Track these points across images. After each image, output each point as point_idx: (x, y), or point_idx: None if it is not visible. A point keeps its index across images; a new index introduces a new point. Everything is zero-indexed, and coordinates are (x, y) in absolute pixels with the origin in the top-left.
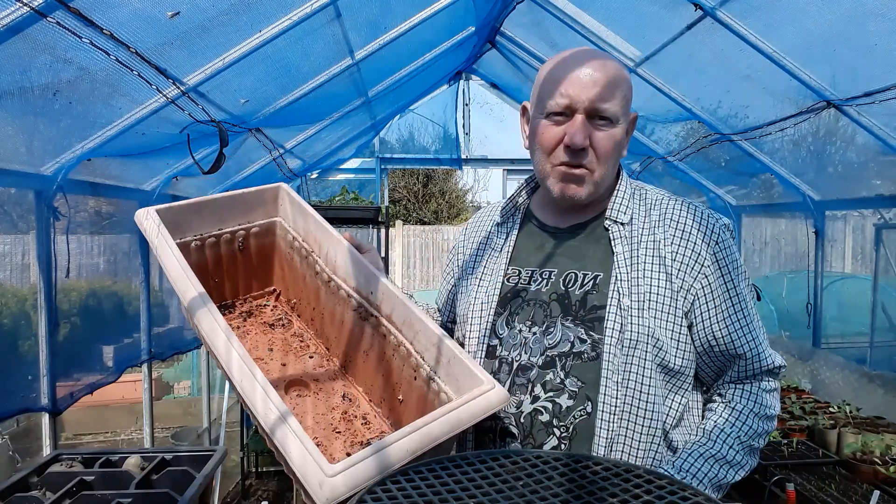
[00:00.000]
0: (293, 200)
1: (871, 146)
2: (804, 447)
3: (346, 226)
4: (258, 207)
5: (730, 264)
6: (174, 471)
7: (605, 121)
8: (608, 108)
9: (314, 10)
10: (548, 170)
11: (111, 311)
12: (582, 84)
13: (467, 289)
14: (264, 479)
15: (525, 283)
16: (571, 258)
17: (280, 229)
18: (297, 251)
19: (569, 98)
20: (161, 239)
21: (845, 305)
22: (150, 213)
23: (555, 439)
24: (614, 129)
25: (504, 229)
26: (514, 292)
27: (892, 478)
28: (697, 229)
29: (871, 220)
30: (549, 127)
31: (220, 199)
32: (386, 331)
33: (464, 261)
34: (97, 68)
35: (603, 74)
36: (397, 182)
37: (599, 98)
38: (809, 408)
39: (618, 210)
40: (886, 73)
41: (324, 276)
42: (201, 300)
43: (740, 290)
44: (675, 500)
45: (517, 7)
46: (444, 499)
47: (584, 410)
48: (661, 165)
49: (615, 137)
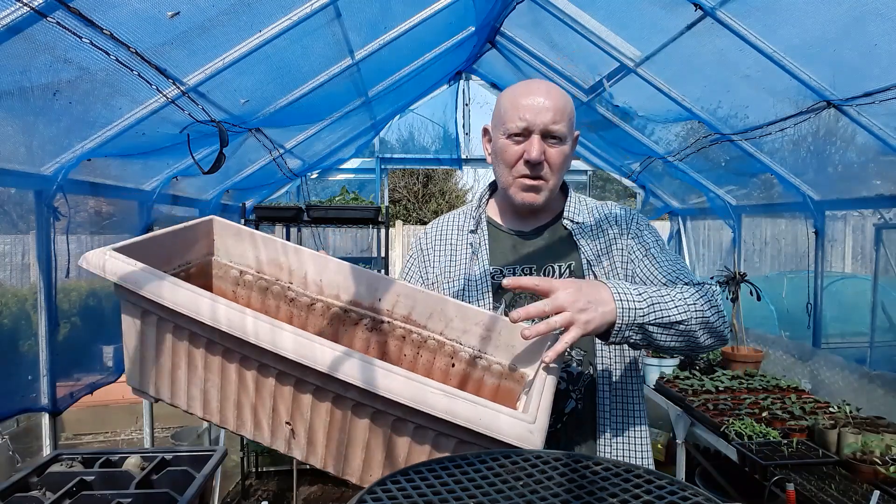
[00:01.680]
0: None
1: (871, 146)
2: (804, 447)
3: (347, 226)
4: (195, 244)
5: (647, 230)
6: (174, 471)
7: (555, 139)
8: (558, 129)
9: (314, 10)
10: (510, 181)
11: (111, 311)
12: (536, 110)
13: (454, 290)
14: (264, 479)
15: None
16: (544, 254)
17: (217, 268)
18: (250, 285)
19: (526, 122)
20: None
21: (845, 305)
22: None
23: (573, 402)
24: (563, 146)
25: (475, 236)
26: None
27: (892, 478)
28: (625, 216)
29: (871, 220)
30: (510, 145)
31: (163, 236)
32: (405, 331)
33: (440, 265)
34: (97, 68)
35: (553, 102)
36: (397, 182)
37: (551, 121)
38: (809, 408)
39: (573, 213)
40: (886, 73)
41: (303, 300)
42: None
43: (661, 243)
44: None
45: (517, 7)
46: (444, 499)
47: (589, 373)
48: (661, 165)
49: (564, 152)
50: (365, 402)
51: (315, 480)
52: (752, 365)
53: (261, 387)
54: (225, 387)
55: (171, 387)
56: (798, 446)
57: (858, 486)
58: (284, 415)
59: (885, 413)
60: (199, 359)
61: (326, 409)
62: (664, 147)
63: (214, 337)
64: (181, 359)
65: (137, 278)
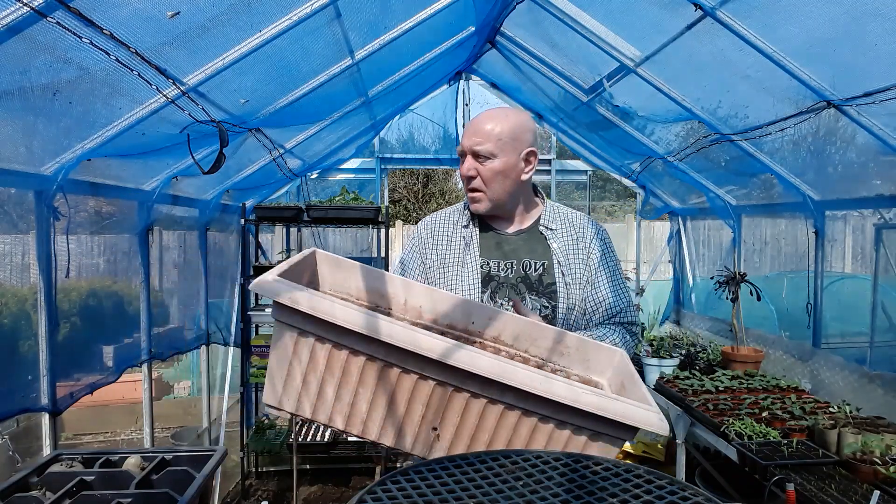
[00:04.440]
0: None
1: (871, 146)
2: (804, 447)
3: (347, 226)
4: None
5: (610, 251)
6: (174, 471)
7: (482, 157)
8: (481, 149)
9: (314, 10)
10: (466, 193)
11: (111, 311)
12: (468, 134)
13: (449, 273)
14: (264, 479)
15: (495, 270)
16: (524, 252)
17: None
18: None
19: (462, 146)
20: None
21: (845, 305)
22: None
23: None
24: (492, 162)
25: (469, 231)
26: (489, 277)
27: (892, 478)
28: (593, 231)
29: (871, 220)
30: (461, 164)
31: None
32: (494, 350)
33: (439, 253)
34: (97, 68)
35: (480, 127)
36: (397, 182)
37: (475, 143)
38: (809, 408)
39: (547, 221)
40: (886, 73)
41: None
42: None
43: (618, 267)
44: (675, 500)
45: (517, 7)
46: (444, 499)
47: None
48: (661, 165)
49: (493, 168)
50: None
51: (315, 480)
52: (752, 365)
53: (415, 396)
54: (376, 398)
55: (314, 402)
56: (798, 446)
57: (858, 486)
58: (433, 420)
59: (885, 413)
60: (354, 373)
61: (477, 411)
62: (664, 147)
63: (379, 353)
64: (333, 374)
65: (308, 301)
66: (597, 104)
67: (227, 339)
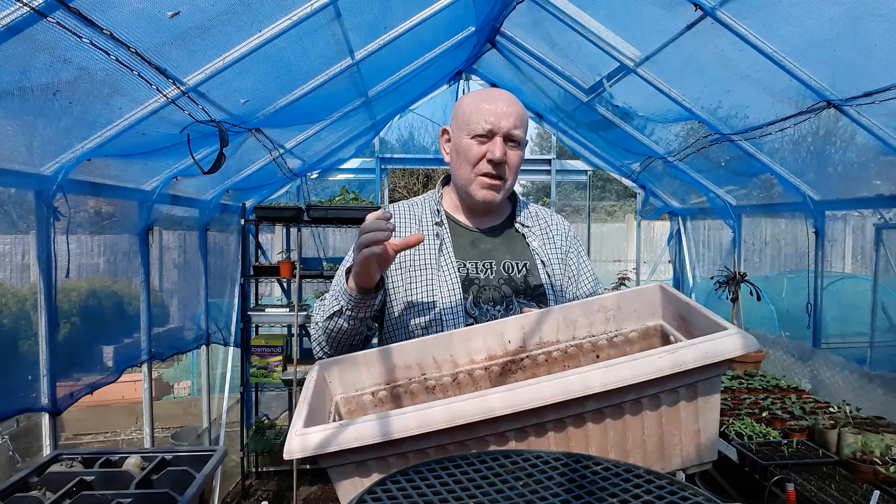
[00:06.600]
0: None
1: (871, 146)
2: (804, 447)
3: (347, 226)
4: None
5: (576, 240)
6: (174, 471)
7: (514, 143)
8: (518, 133)
9: (314, 10)
10: (472, 178)
11: (111, 311)
12: (500, 115)
13: (422, 277)
14: (264, 479)
15: (474, 272)
16: (503, 252)
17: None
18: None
19: (491, 124)
20: None
21: (845, 305)
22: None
23: None
24: (520, 151)
25: (441, 229)
26: (468, 280)
27: (892, 478)
28: (566, 231)
29: (871, 220)
30: (474, 145)
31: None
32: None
33: (411, 251)
34: (97, 68)
35: (514, 109)
36: (397, 182)
37: (513, 126)
38: (809, 408)
39: (523, 218)
40: (886, 73)
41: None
42: None
43: (585, 253)
44: (675, 500)
45: (517, 7)
46: (444, 499)
47: None
48: (661, 165)
49: (520, 156)
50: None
51: (315, 480)
52: (752, 365)
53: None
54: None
55: None
56: (798, 446)
57: (858, 486)
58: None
59: (885, 413)
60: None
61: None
62: (664, 147)
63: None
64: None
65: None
66: (597, 104)
67: (227, 339)
